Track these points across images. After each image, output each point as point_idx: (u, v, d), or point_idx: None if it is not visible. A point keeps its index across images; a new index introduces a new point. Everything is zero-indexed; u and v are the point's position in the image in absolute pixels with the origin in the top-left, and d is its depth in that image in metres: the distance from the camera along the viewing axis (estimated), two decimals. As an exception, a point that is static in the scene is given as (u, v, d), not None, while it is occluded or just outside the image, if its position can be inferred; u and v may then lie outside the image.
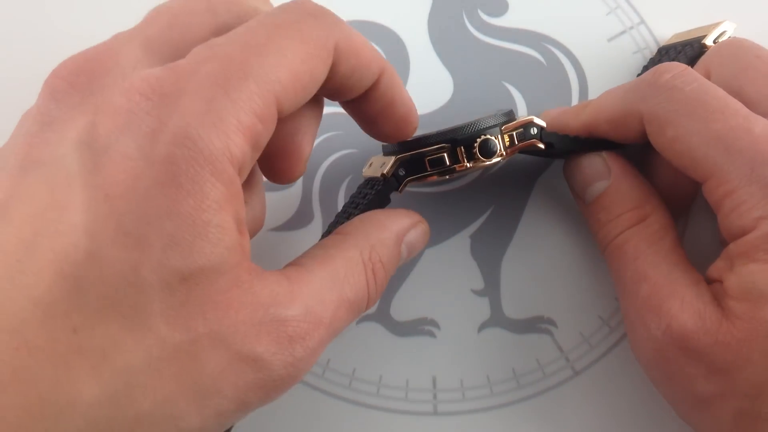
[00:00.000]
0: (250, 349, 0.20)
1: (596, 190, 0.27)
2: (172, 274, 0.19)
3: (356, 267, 0.23)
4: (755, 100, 0.25)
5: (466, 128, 0.25)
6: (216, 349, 0.19)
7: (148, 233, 0.18)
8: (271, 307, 0.20)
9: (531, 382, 0.29)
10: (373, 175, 0.27)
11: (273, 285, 0.21)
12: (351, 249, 0.24)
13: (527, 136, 0.26)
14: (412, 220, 0.26)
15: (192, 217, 0.19)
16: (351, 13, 0.31)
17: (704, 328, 0.23)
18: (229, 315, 0.20)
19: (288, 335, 0.21)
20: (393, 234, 0.25)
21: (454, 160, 0.25)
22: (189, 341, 0.19)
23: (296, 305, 0.21)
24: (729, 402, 0.22)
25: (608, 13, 0.32)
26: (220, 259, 0.19)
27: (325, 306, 0.22)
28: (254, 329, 0.20)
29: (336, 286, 0.23)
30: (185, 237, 0.19)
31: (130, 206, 0.18)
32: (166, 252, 0.18)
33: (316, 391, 0.29)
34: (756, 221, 0.22)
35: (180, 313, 0.19)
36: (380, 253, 0.24)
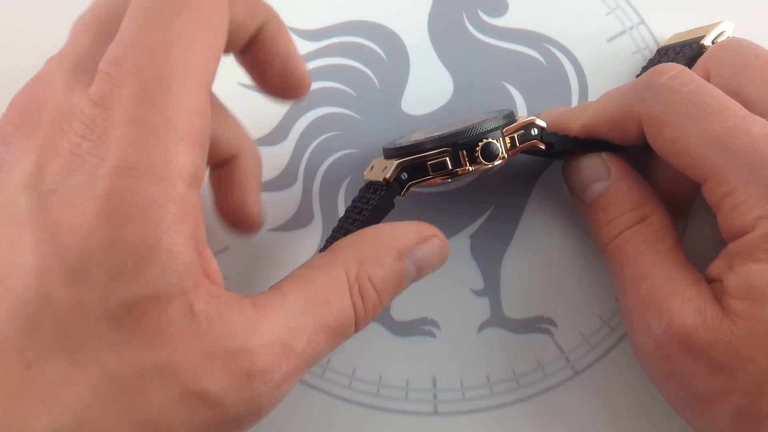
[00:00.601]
0: (199, 386, 0.19)
1: (596, 190, 0.27)
2: (117, 305, 0.18)
3: (339, 287, 0.22)
4: (754, 100, 0.25)
5: (468, 132, 0.25)
6: (164, 385, 0.19)
7: (91, 267, 0.18)
8: (227, 339, 0.19)
9: (531, 382, 0.29)
10: (375, 178, 0.26)
11: (234, 314, 0.20)
12: (336, 268, 0.22)
13: (528, 137, 0.26)
14: (421, 234, 0.24)
15: (136, 244, 0.19)
16: (351, 13, 0.31)
17: (705, 326, 0.23)
18: (179, 348, 0.19)
19: (245, 370, 0.20)
20: (391, 250, 0.23)
21: (456, 164, 0.25)
22: (135, 375, 0.19)
23: (258, 336, 0.20)
24: (729, 400, 0.22)
25: (608, 13, 0.32)
26: (168, 285, 0.19)
27: (298, 334, 0.21)
28: (205, 363, 0.19)
29: (313, 310, 0.21)
30: (128, 266, 0.19)
31: (74, 243, 0.18)
32: (109, 284, 0.18)
33: (316, 391, 0.29)
34: (755, 221, 0.22)
35: (127, 345, 0.19)
36: (370, 272, 0.23)
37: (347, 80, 0.30)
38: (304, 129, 0.30)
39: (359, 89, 0.31)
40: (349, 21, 0.31)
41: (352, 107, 0.30)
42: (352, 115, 0.30)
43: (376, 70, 0.31)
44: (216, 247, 0.29)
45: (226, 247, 0.29)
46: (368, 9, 0.31)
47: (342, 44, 0.31)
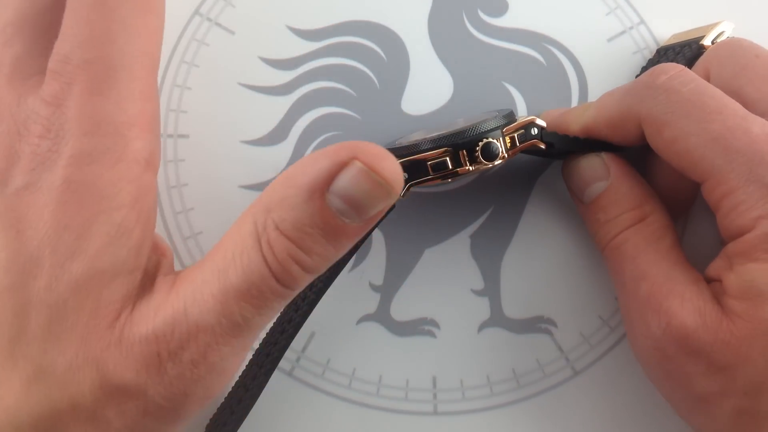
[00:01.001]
0: (120, 377, 0.19)
1: (595, 190, 0.27)
2: (66, 287, 0.19)
3: (247, 242, 0.19)
4: (754, 100, 0.25)
5: (468, 132, 0.25)
6: (92, 376, 0.19)
7: (46, 252, 0.19)
8: (139, 325, 0.19)
9: (531, 382, 0.29)
10: None
11: (151, 297, 0.20)
12: (246, 221, 0.20)
13: (528, 137, 0.26)
14: (332, 160, 0.19)
15: (89, 222, 0.19)
16: (351, 13, 0.31)
17: (704, 326, 0.23)
18: (105, 335, 0.19)
19: (156, 355, 0.19)
20: (300, 188, 0.19)
21: (456, 164, 0.25)
22: (69, 369, 0.19)
23: (161, 317, 0.19)
24: (728, 400, 0.22)
25: (608, 13, 0.32)
26: (116, 259, 0.19)
27: (203, 304, 0.19)
28: (123, 352, 0.19)
29: (218, 275, 0.19)
30: (80, 244, 0.19)
31: (36, 234, 0.19)
32: (61, 265, 0.19)
33: (316, 391, 0.29)
34: (754, 221, 0.22)
35: (66, 336, 0.19)
36: (277, 218, 0.19)
37: (347, 80, 0.30)
38: (304, 129, 0.30)
39: (359, 89, 0.31)
40: (349, 21, 0.31)
41: (352, 107, 0.30)
42: (352, 115, 0.30)
43: (376, 70, 0.31)
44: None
45: (226, 247, 0.29)
46: (368, 9, 0.31)
47: (342, 44, 0.31)
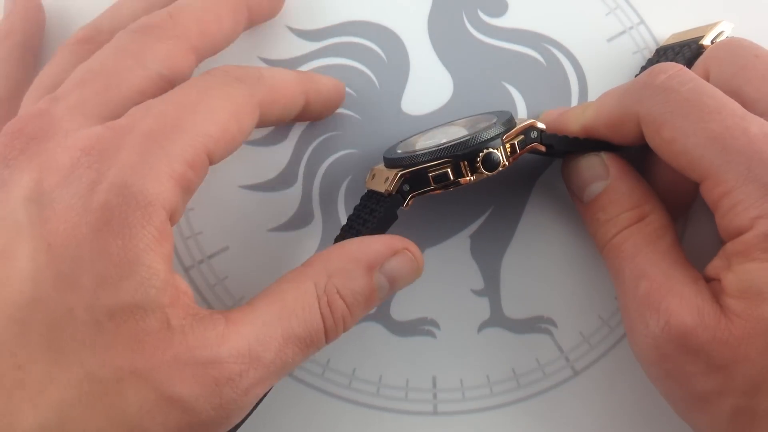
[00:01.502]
0: (173, 391, 0.21)
1: (595, 190, 0.27)
2: (101, 311, 0.20)
3: (308, 299, 0.23)
4: (753, 99, 0.25)
5: (469, 142, 0.25)
6: (141, 388, 0.20)
7: (81, 275, 0.20)
8: (198, 349, 0.21)
9: (531, 382, 0.29)
10: (376, 188, 0.26)
11: (206, 327, 0.21)
12: (305, 281, 0.23)
13: (528, 141, 0.26)
14: (391, 247, 0.25)
15: (120, 257, 0.20)
16: (351, 13, 0.31)
17: (703, 325, 0.23)
18: (155, 355, 0.20)
19: (213, 377, 0.21)
20: (360, 263, 0.24)
21: (457, 174, 0.25)
22: (115, 378, 0.20)
23: (226, 347, 0.21)
24: (727, 399, 0.22)
25: (608, 13, 0.32)
26: (147, 297, 0.20)
27: (266, 344, 0.22)
28: (178, 371, 0.21)
29: (282, 322, 0.22)
30: (113, 276, 0.20)
31: (68, 252, 0.20)
32: (96, 291, 0.20)
33: (316, 391, 0.29)
34: (753, 221, 0.22)
35: (108, 349, 0.20)
36: (338, 284, 0.23)
37: (347, 80, 0.30)
38: (304, 129, 0.30)
39: (359, 89, 0.31)
40: (349, 21, 0.31)
41: (352, 107, 0.30)
42: (352, 115, 0.30)
43: (376, 70, 0.31)
44: (216, 247, 0.29)
45: (226, 247, 0.29)
46: (368, 9, 0.31)
47: (342, 44, 0.31)
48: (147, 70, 0.24)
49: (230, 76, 0.24)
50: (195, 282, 0.29)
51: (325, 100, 0.28)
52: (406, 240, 0.25)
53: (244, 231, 0.30)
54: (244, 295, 0.29)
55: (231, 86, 0.24)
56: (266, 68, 0.26)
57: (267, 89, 0.25)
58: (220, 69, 0.24)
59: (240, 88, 0.24)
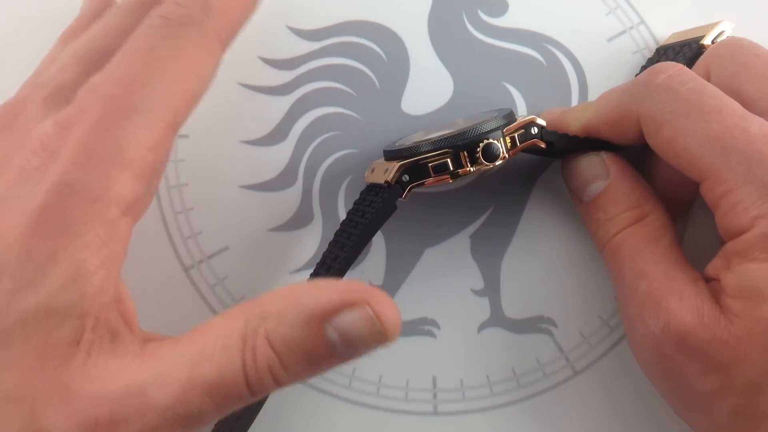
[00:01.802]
0: (50, 425, 0.18)
1: (595, 189, 0.27)
2: (16, 316, 0.19)
3: (231, 341, 0.19)
4: (754, 99, 0.25)
5: (469, 133, 0.25)
6: (18, 415, 0.18)
7: (3, 276, 0.19)
8: (89, 381, 0.19)
9: (531, 381, 0.29)
10: (376, 181, 0.26)
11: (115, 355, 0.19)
12: (236, 319, 0.20)
13: (528, 136, 0.26)
14: (346, 296, 0.19)
15: (49, 256, 0.19)
16: (351, 13, 0.31)
17: (702, 325, 0.23)
18: (51, 377, 0.18)
19: (93, 417, 0.18)
20: (303, 310, 0.19)
21: (457, 165, 0.25)
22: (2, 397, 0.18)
23: (116, 384, 0.19)
24: (726, 399, 0.22)
25: (608, 13, 0.32)
26: (68, 301, 0.19)
27: (166, 386, 0.19)
28: (63, 402, 0.18)
29: (193, 363, 0.19)
30: (36, 276, 0.19)
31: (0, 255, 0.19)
32: (14, 293, 0.19)
33: (316, 391, 0.29)
34: (753, 220, 0.22)
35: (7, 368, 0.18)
36: (269, 329, 0.19)
37: (347, 80, 0.30)
38: (304, 129, 0.30)
39: (359, 89, 0.31)
40: (349, 21, 0.31)
41: (352, 107, 0.30)
42: (352, 115, 0.30)
43: (376, 70, 0.31)
44: (216, 247, 0.29)
45: (226, 247, 0.29)
46: (368, 9, 0.31)
47: (342, 44, 0.31)
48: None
49: (173, 22, 0.22)
50: (195, 282, 0.29)
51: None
52: (374, 291, 0.19)
53: (244, 231, 0.29)
54: (245, 295, 0.29)
55: (178, 36, 0.21)
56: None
57: (219, 18, 0.22)
58: (159, 14, 0.22)
59: (188, 35, 0.22)
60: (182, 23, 0.22)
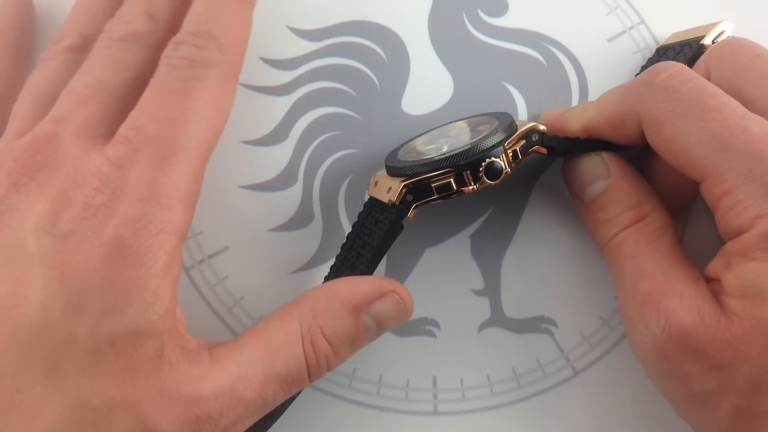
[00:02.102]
0: (155, 424, 0.21)
1: (595, 189, 0.27)
2: (104, 338, 0.21)
3: (292, 338, 0.23)
4: (754, 99, 0.25)
5: (471, 152, 0.25)
6: (128, 419, 0.21)
7: (89, 302, 0.21)
8: (182, 385, 0.22)
9: (531, 381, 0.29)
10: (379, 197, 0.26)
11: (191, 362, 0.22)
12: (291, 320, 0.24)
13: (530, 144, 0.26)
14: (379, 289, 0.25)
15: (129, 285, 0.21)
16: (351, 13, 0.31)
17: (703, 325, 0.23)
18: (145, 386, 0.21)
19: (195, 415, 0.21)
20: (346, 304, 0.24)
21: (461, 184, 0.25)
22: (106, 407, 0.21)
23: (207, 385, 0.22)
24: (727, 399, 0.22)
25: (608, 13, 0.32)
26: (149, 323, 0.21)
27: (247, 383, 0.22)
28: (163, 405, 0.21)
29: (264, 360, 0.23)
30: (120, 303, 0.21)
31: (79, 281, 0.21)
32: (101, 318, 0.21)
33: (316, 391, 0.29)
34: (753, 220, 0.22)
35: (104, 377, 0.21)
36: (322, 324, 0.24)
37: (347, 80, 0.30)
38: (304, 129, 0.30)
39: (359, 89, 0.31)
40: (349, 21, 0.31)
41: (352, 107, 0.30)
42: (352, 115, 0.30)
43: (376, 70, 0.31)
44: (216, 247, 0.29)
45: (226, 247, 0.29)
46: (368, 9, 0.31)
47: (342, 44, 0.31)
48: (138, 75, 0.25)
49: (198, 64, 0.24)
50: (195, 282, 0.29)
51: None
52: (395, 282, 0.25)
53: (244, 231, 0.29)
54: (244, 295, 0.29)
55: (205, 78, 0.24)
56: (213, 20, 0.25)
57: (232, 55, 0.25)
58: (183, 57, 0.24)
59: (211, 75, 0.24)
60: (206, 66, 0.24)
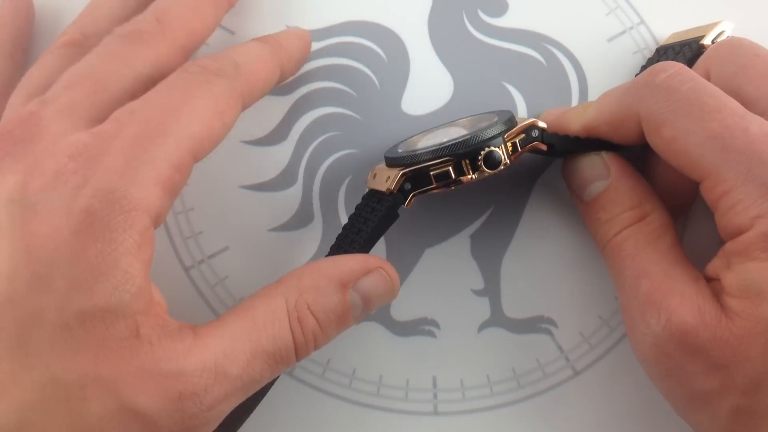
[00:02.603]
0: (135, 402, 0.20)
1: (595, 189, 0.27)
2: (73, 314, 0.20)
3: (278, 315, 0.23)
4: (754, 99, 0.25)
5: (470, 141, 0.25)
6: (103, 396, 0.20)
7: (56, 277, 0.20)
8: (163, 361, 0.21)
9: (531, 381, 0.29)
10: (377, 187, 0.26)
11: (174, 339, 0.21)
12: (277, 296, 0.23)
13: (529, 140, 0.26)
14: (366, 265, 0.25)
15: (98, 260, 0.20)
16: (351, 13, 0.31)
17: (704, 324, 0.23)
18: (120, 363, 0.20)
19: (177, 391, 0.21)
20: (332, 280, 0.24)
21: (459, 173, 0.25)
22: (79, 384, 0.20)
23: (192, 360, 0.21)
24: (727, 399, 0.22)
25: (608, 13, 0.32)
26: (120, 302, 0.20)
27: (233, 359, 0.22)
28: (142, 382, 0.20)
29: (251, 336, 0.22)
30: (88, 279, 0.20)
31: (46, 254, 0.20)
32: (69, 293, 0.20)
33: (316, 391, 0.29)
34: (752, 220, 0.22)
35: (75, 354, 0.20)
36: (309, 300, 0.23)
37: (347, 80, 0.30)
38: (304, 129, 0.30)
39: (359, 89, 0.31)
40: (349, 21, 0.31)
41: (352, 107, 0.30)
42: (352, 115, 0.30)
43: (376, 70, 0.31)
44: (216, 247, 0.29)
45: (226, 247, 0.29)
46: (368, 9, 0.31)
47: (342, 44, 0.31)
48: (136, 72, 0.24)
49: (209, 71, 0.24)
50: (195, 282, 0.29)
51: (297, 61, 0.29)
52: (381, 259, 0.25)
53: (244, 231, 0.30)
54: (244, 295, 0.29)
55: (211, 83, 0.24)
56: (239, 51, 0.26)
57: (245, 79, 0.25)
58: (197, 64, 0.24)
59: (220, 83, 0.24)
60: (216, 74, 0.24)
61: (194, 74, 0.24)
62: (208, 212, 0.29)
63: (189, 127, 0.23)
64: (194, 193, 0.29)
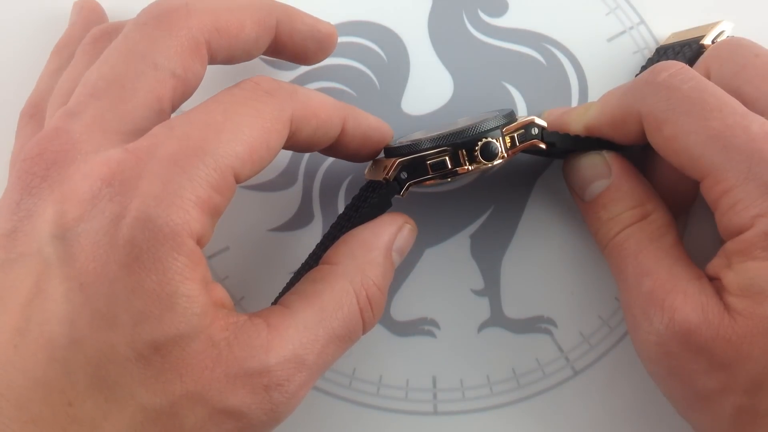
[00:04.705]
0: (226, 403, 0.21)
1: (596, 188, 0.27)
2: (145, 346, 0.20)
3: (346, 298, 0.24)
4: (754, 98, 0.25)
5: (468, 131, 0.25)
6: (195, 407, 0.21)
7: (119, 313, 0.20)
8: (246, 361, 0.21)
9: (531, 381, 0.29)
10: (375, 177, 0.27)
11: (250, 336, 0.22)
12: (340, 280, 0.24)
13: (528, 137, 0.26)
14: (396, 225, 0.26)
15: (157, 291, 0.20)
16: (351, 13, 0.31)
17: (707, 322, 0.23)
18: (205, 374, 0.21)
19: (263, 385, 0.22)
20: (381, 250, 0.25)
21: (455, 163, 0.25)
22: (169, 404, 0.21)
23: (272, 354, 0.22)
24: (729, 398, 0.22)
25: (608, 13, 0.32)
26: (190, 326, 0.21)
27: (309, 347, 0.23)
28: (229, 384, 0.21)
29: (323, 323, 0.23)
30: (153, 311, 0.20)
31: (101, 290, 0.20)
32: (136, 327, 0.20)
33: (316, 391, 0.29)
34: (753, 219, 0.22)
35: (158, 379, 0.20)
36: (372, 276, 0.25)
37: (347, 80, 0.31)
38: (304, 129, 0.30)
39: (359, 89, 0.31)
40: (349, 21, 0.31)
41: (352, 107, 0.30)
42: (352, 115, 0.30)
43: (376, 70, 0.31)
44: (216, 247, 0.29)
45: (226, 247, 0.29)
46: (368, 9, 0.31)
47: (342, 44, 0.31)
48: (159, 71, 0.23)
49: (260, 89, 0.23)
50: (195, 282, 0.29)
51: (365, 133, 0.26)
52: (402, 215, 0.27)
53: (244, 231, 0.30)
54: (245, 295, 0.29)
55: (260, 101, 0.23)
56: (303, 87, 0.25)
57: (299, 104, 0.24)
58: (251, 81, 0.23)
59: (269, 102, 0.23)
60: (267, 92, 0.23)
61: (243, 89, 0.23)
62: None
63: (231, 145, 0.22)
64: (194, 192, 0.29)
